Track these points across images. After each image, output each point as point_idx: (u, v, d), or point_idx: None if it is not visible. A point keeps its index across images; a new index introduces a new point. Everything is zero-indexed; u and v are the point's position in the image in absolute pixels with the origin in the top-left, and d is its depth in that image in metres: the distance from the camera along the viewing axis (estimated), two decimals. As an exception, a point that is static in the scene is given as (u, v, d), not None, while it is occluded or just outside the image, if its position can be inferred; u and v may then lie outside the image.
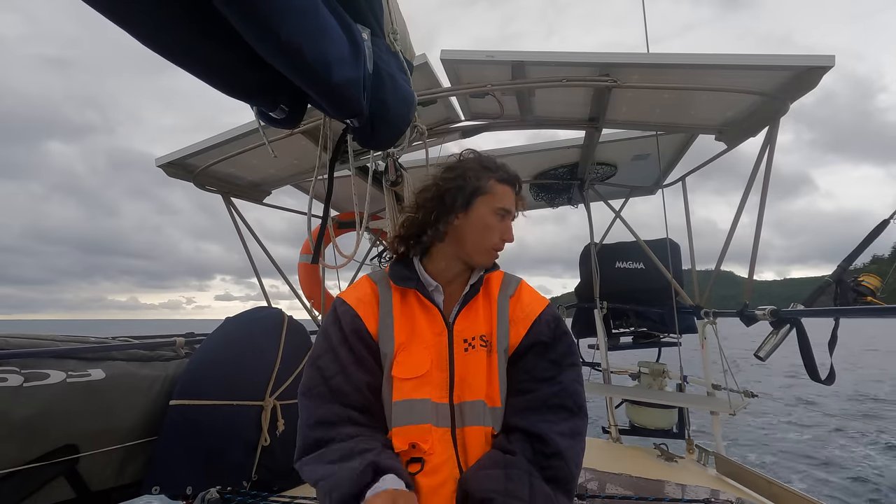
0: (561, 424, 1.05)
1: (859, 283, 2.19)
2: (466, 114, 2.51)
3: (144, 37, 0.77)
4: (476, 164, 1.19)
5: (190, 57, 0.86)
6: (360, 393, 1.06)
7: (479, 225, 1.15)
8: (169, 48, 0.82)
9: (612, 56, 1.95)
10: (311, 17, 0.84)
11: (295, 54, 0.83)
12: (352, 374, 1.07)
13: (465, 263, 1.19)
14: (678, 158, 3.23)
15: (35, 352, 1.80)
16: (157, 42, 0.80)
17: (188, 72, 0.87)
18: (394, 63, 1.32)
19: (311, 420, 1.03)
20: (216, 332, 2.35)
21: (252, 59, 0.87)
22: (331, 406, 1.03)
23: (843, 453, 7.62)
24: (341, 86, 0.98)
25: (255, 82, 0.99)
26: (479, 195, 1.15)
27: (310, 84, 0.94)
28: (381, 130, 1.30)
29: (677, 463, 2.58)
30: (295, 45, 0.81)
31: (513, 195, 1.19)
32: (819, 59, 1.82)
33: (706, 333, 2.99)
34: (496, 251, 1.19)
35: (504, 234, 1.18)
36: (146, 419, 2.02)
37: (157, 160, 2.59)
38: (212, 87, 0.95)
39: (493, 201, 1.15)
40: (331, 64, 0.92)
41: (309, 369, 1.10)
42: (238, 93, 1.01)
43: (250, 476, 2.06)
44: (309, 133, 2.40)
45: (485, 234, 1.15)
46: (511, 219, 1.20)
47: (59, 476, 1.78)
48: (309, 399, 1.06)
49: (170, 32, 0.79)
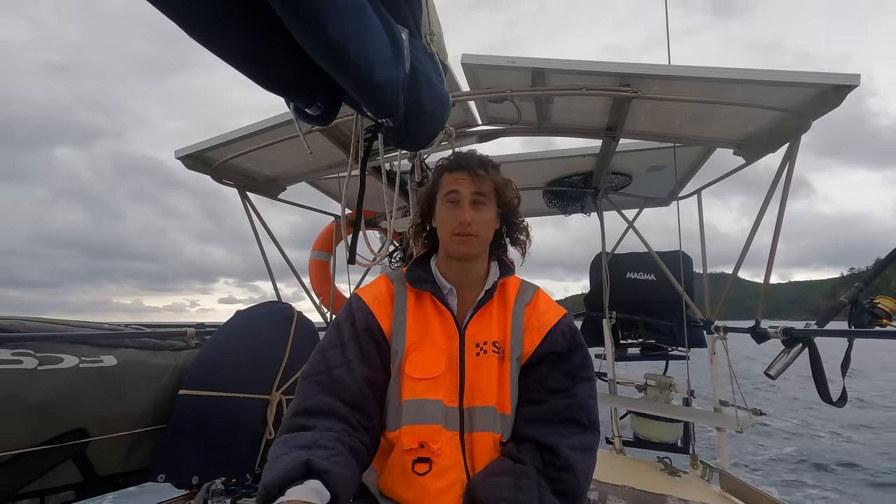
0: (572, 438, 1.05)
1: (875, 304, 2.16)
2: (484, 118, 2.52)
3: (193, 29, 0.78)
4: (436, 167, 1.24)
5: (235, 50, 0.87)
6: (358, 386, 1.05)
7: (439, 217, 1.19)
8: (213, 39, 0.83)
9: (632, 66, 1.94)
10: (357, 16, 0.85)
11: (339, 51, 0.84)
12: (354, 367, 1.06)
13: (457, 261, 1.18)
14: (694, 171, 3.20)
15: (50, 335, 1.84)
16: (205, 35, 0.80)
17: (231, 65, 0.88)
18: (430, 64, 1.32)
19: (300, 407, 1.01)
20: (227, 325, 2.38)
21: (294, 55, 0.88)
22: (323, 396, 1.01)
23: (852, 473, 7.48)
24: (381, 85, 0.99)
25: (295, 78, 1.00)
26: (437, 193, 1.20)
27: (350, 82, 0.95)
28: (415, 131, 1.31)
29: (681, 478, 2.56)
30: (340, 42, 0.82)
31: (463, 177, 1.15)
32: (844, 77, 1.80)
33: (716, 348, 2.96)
34: (458, 236, 1.13)
35: (458, 216, 1.13)
36: (155, 407, 2.05)
37: (176, 152, 2.63)
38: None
39: (443, 191, 1.18)
40: (373, 63, 0.93)
41: (315, 356, 1.10)
42: (278, 88, 1.01)
43: (254, 469, 2.08)
44: (327, 131, 2.42)
45: (442, 224, 1.17)
46: (470, 200, 1.14)
47: (68, 459, 1.81)
48: (307, 384, 1.05)
49: (218, 26, 0.80)
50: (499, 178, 1.20)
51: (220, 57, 0.85)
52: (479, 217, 1.14)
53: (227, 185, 2.94)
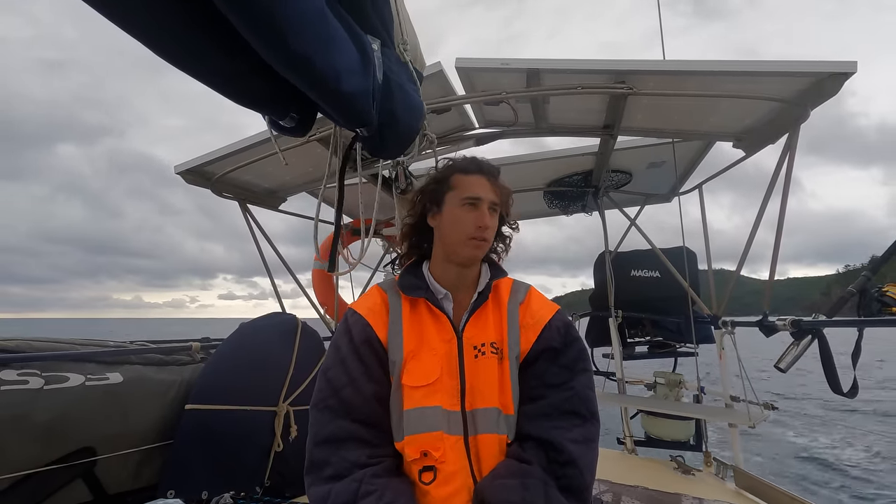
0: (573, 431, 1.05)
1: (884, 293, 2.13)
2: (480, 121, 2.52)
3: (153, 44, 0.78)
4: (445, 166, 1.25)
5: (199, 65, 0.87)
6: (369, 405, 1.07)
7: (451, 219, 1.18)
8: (178, 56, 0.83)
9: (627, 63, 1.94)
10: (320, 27, 0.84)
11: (303, 64, 0.84)
12: (361, 385, 1.07)
13: (457, 265, 1.18)
14: (694, 166, 3.19)
15: (55, 355, 1.84)
16: (165, 50, 0.80)
17: (197, 80, 0.88)
18: (403, 73, 1.33)
19: (318, 437, 1.04)
20: (231, 338, 2.37)
21: (261, 67, 0.87)
22: (339, 422, 1.04)
23: (872, 467, 7.38)
24: (350, 95, 0.99)
25: (265, 91, 1.00)
26: (446, 192, 1.19)
27: (318, 93, 0.95)
28: (389, 140, 1.31)
29: (694, 476, 2.53)
30: (303, 54, 0.82)
31: (483, 183, 1.18)
32: (841, 65, 1.79)
33: (724, 343, 2.94)
34: (475, 240, 1.14)
35: (478, 220, 1.14)
36: (162, 423, 2.05)
37: (175, 167, 2.64)
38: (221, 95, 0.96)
39: (460, 193, 1.17)
40: (339, 74, 0.92)
41: (320, 381, 1.12)
42: (247, 101, 1.02)
43: (263, 481, 2.07)
44: (324, 140, 2.42)
45: (457, 226, 1.16)
46: (489, 206, 1.16)
47: (77, 478, 1.81)
48: (319, 412, 1.07)
49: (179, 41, 0.80)
50: (507, 188, 1.24)
51: (187, 73, 0.85)
52: (493, 223, 1.18)
53: (227, 199, 2.95)
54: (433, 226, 1.23)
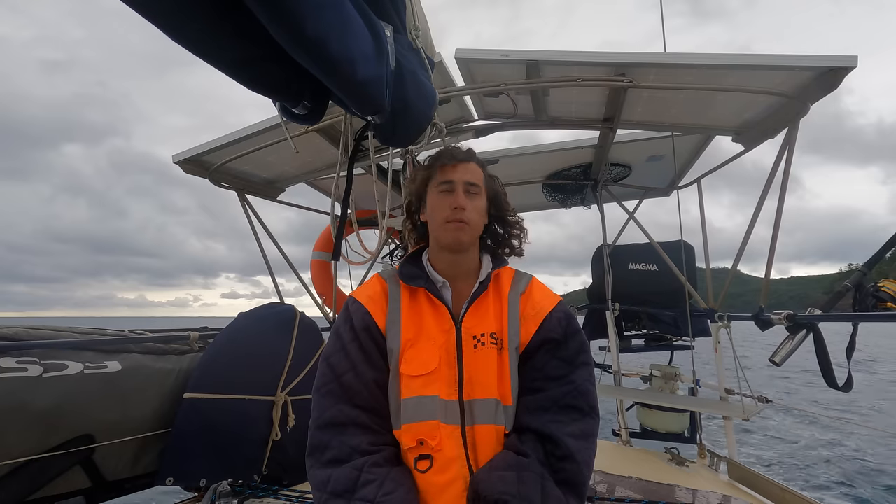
0: (572, 425, 1.05)
1: (879, 288, 2.14)
2: (480, 113, 2.51)
3: (171, 30, 0.78)
4: (421, 166, 1.26)
5: (215, 52, 0.87)
6: (369, 391, 1.08)
7: (432, 207, 1.20)
8: (195, 42, 0.83)
9: (627, 56, 1.93)
10: (336, 12, 0.84)
11: (318, 49, 0.83)
12: (362, 371, 1.09)
13: (448, 252, 1.19)
14: (694, 160, 3.19)
15: (54, 343, 1.84)
16: (183, 36, 0.80)
17: (213, 66, 0.88)
18: (415, 60, 1.32)
19: (320, 421, 1.06)
20: (230, 327, 2.38)
21: (276, 54, 0.87)
22: (341, 406, 1.06)
23: (861, 459, 7.46)
24: (364, 82, 0.99)
25: (279, 78, 1.00)
26: (427, 187, 1.22)
27: (333, 80, 0.94)
28: (402, 127, 1.31)
29: (688, 467, 2.55)
30: (319, 40, 0.81)
31: (455, 167, 1.18)
32: (841, 59, 1.78)
33: (720, 337, 2.95)
34: (451, 222, 1.14)
35: (452, 202, 1.15)
36: (160, 411, 2.05)
37: (173, 157, 2.63)
38: (235, 83, 0.96)
39: (435, 182, 1.19)
40: (354, 60, 0.92)
41: (321, 366, 1.13)
42: (262, 88, 1.01)
43: (261, 470, 2.09)
44: (323, 131, 2.41)
45: (435, 212, 1.18)
46: (464, 188, 1.16)
47: (76, 465, 1.82)
48: (321, 396, 1.09)
49: (196, 27, 0.80)
50: (487, 171, 1.24)
51: (203, 59, 0.85)
52: (471, 205, 1.16)
53: (225, 189, 2.94)
54: (426, 221, 1.25)
